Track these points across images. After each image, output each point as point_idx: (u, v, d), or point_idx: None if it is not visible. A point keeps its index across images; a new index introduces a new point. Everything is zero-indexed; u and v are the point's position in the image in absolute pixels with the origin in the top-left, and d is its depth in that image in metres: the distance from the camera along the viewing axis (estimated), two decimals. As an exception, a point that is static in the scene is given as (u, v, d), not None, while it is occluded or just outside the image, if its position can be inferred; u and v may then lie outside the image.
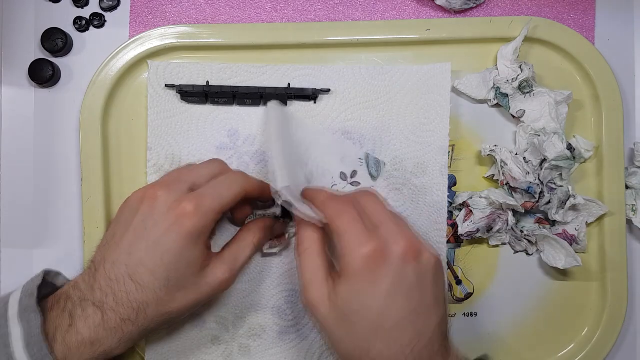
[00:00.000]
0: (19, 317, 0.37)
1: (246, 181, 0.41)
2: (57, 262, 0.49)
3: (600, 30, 0.51)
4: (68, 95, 0.50)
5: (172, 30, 0.48)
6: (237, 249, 0.42)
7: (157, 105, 0.48)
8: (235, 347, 0.48)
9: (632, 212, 0.49)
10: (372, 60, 0.49)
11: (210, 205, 0.38)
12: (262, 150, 0.48)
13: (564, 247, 0.47)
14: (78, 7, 0.50)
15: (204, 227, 0.38)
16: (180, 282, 0.38)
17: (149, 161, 0.48)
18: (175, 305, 0.39)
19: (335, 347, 0.37)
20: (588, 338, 0.49)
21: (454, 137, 0.49)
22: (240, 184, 0.41)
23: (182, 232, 0.37)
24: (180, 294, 0.38)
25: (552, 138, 0.47)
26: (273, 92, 0.48)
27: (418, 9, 0.51)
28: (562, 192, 0.48)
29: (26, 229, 0.50)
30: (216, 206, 0.39)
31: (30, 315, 0.37)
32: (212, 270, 0.40)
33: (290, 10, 0.50)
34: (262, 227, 0.44)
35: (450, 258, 0.50)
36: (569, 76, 0.50)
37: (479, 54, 0.50)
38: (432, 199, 0.48)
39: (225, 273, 0.40)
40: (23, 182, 0.50)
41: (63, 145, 0.50)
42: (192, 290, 0.39)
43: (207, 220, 0.38)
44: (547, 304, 0.50)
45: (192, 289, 0.39)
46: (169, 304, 0.38)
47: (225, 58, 0.49)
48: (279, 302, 0.48)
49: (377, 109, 0.48)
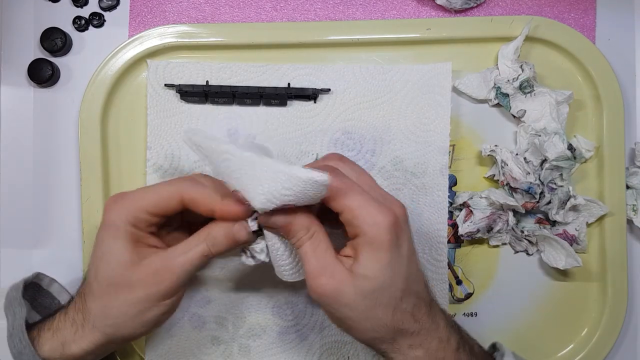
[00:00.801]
0: (5, 310, 0.38)
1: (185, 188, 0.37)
2: (57, 262, 0.49)
3: (600, 30, 0.51)
4: (67, 95, 0.50)
5: (171, 29, 0.48)
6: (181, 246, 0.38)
7: (157, 105, 0.48)
8: (235, 348, 0.48)
9: (632, 212, 0.49)
10: (372, 59, 0.49)
11: (128, 202, 0.37)
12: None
13: (564, 248, 0.47)
14: (77, 6, 0.50)
15: (118, 221, 0.37)
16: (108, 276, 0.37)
17: (149, 160, 0.48)
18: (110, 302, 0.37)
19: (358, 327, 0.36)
20: (588, 338, 0.49)
21: (454, 137, 0.49)
22: (172, 189, 0.37)
23: (103, 225, 0.37)
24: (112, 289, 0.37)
25: (552, 138, 0.47)
26: (273, 91, 0.47)
27: (418, 8, 0.51)
28: (563, 192, 0.48)
29: (25, 229, 0.50)
30: (134, 204, 0.37)
31: (15, 308, 0.38)
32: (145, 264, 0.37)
33: (290, 10, 0.50)
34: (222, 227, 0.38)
35: (451, 258, 0.50)
36: (569, 76, 0.50)
37: (480, 54, 0.49)
38: (432, 199, 0.48)
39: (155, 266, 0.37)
40: (22, 182, 0.50)
41: (62, 145, 0.50)
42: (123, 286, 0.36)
43: (122, 216, 0.37)
44: (547, 304, 0.50)
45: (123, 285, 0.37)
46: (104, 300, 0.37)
47: (224, 57, 0.49)
48: (279, 302, 0.48)
49: (377, 108, 0.48)
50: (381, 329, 0.36)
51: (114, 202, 0.37)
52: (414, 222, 0.48)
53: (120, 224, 0.37)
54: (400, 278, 0.36)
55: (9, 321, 0.38)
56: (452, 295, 0.50)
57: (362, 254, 0.35)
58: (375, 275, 0.35)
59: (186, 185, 0.37)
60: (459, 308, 0.50)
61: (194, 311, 0.48)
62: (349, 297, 0.35)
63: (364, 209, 0.35)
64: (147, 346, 0.48)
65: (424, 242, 0.48)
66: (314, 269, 0.36)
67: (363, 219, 0.35)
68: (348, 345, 0.48)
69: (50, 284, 0.45)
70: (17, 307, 0.38)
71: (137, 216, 0.37)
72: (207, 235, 0.37)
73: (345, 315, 0.36)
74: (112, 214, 0.37)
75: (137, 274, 0.36)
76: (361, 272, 0.35)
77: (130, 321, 0.37)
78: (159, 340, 0.48)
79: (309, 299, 0.48)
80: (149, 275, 0.36)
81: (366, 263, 0.35)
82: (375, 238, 0.35)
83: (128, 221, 0.37)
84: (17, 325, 0.37)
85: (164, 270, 0.37)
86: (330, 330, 0.48)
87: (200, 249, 0.37)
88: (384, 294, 0.36)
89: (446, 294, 0.49)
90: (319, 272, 0.36)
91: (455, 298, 0.50)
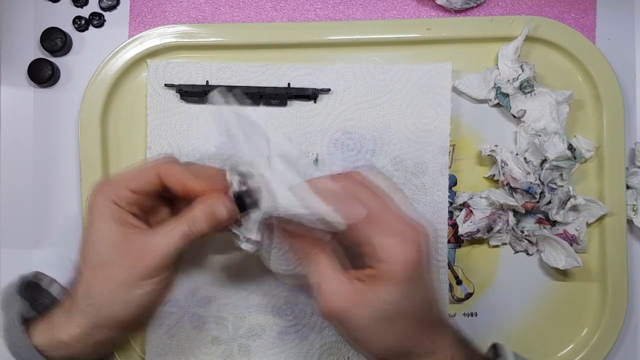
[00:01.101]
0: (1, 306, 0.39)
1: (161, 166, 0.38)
2: (57, 262, 0.49)
3: (600, 30, 0.51)
4: (67, 95, 0.50)
5: (171, 29, 0.48)
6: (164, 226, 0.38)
7: (157, 105, 0.48)
8: (235, 347, 0.48)
9: (632, 212, 0.49)
10: (372, 59, 0.49)
11: (109, 183, 0.38)
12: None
13: (564, 248, 0.47)
14: (77, 6, 0.50)
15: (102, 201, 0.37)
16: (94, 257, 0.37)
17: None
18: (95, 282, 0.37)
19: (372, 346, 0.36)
20: (588, 338, 0.49)
21: (454, 137, 0.49)
22: (150, 167, 0.38)
23: (88, 209, 0.38)
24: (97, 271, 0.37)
25: (552, 138, 0.47)
26: (273, 91, 0.47)
27: (418, 8, 0.50)
28: (563, 193, 0.48)
29: (25, 229, 0.50)
30: (114, 183, 0.38)
31: (12, 303, 0.39)
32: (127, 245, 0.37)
33: (290, 10, 0.50)
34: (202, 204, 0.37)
35: (451, 258, 0.50)
36: (570, 76, 0.50)
37: (480, 54, 0.49)
38: (432, 199, 0.48)
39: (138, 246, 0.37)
40: (22, 182, 0.50)
41: (62, 145, 0.50)
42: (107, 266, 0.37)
43: (107, 195, 0.37)
44: (547, 304, 0.50)
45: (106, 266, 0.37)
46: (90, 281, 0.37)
47: (224, 57, 0.49)
48: (279, 302, 0.48)
49: (377, 108, 0.48)
50: (391, 352, 0.36)
51: (98, 186, 0.38)
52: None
53: (104, 205, 0.37)
54: (415, 307, 0.36)
55: (6, 316, 0.38)
56: (452, 295, 0.50)
57: (380, 283, 0.35)
58: (391, 304, 0.35)
59: (162, 161, 0.39)
60: (459, 308, 0.50)
61: (194, 311, 0.48)
62: (362, 320, 0.35)
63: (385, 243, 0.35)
64: (147, 346, 0.48)
65: (424, 242, 0.48)
66: (328, 288, 0.35)
67: (384, 254, 0.35)
68: (348, 345, 0.48)
69: (51, 284, 0.45)
70: (12, 301, 0.39)
71: (118, 193, 0.37)
72: (190, 214, 0.37)
73: (354, 335, 0.36)
74: (96, 198, 0.38)
75: (119, 252, 0.37)
76: (376, 297, 0.35)
77: (111, 300, 0.37)
78: (159, 340, 0.48)
79: (308, 299, 0.48)
80: (131, 254, 0.37)
81: (382, 291, 0.35)
82: (397, 273, 0.34)
83: (111, 200, 0.37)
84: (11, 319, 0.38)
85: (145, 249, 0.37)
86: (330, 330, 0.48)
87: (181, 229, 0.37)
88: (397, 321, 0.35)
89: (446, 294, 0.49)
90: (333, 292, 0.35)
91: (455, 298, 0.50)
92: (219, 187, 0.38)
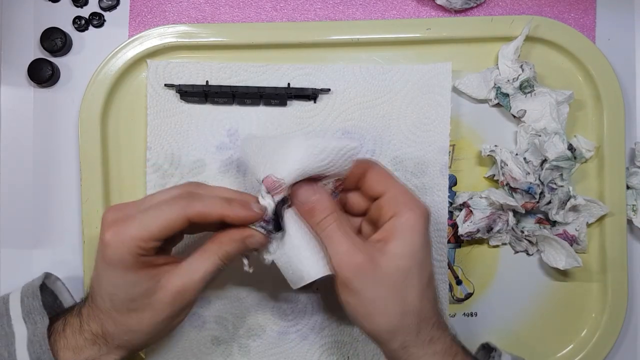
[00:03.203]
0: (24, 318, 0.39)
1: (188, 207, 0.36)
2: (57, 263, 0.49)
3: (600, 30, 0.51)
4: (67, 95, 0.50)
5: (171, 29, 0.48)
6: (195, 261, 0.38)
7: (157, 105, 0.48)
8: (235, 347, 0.48)
9: (632, 212, 0.49)
10: (372, 59, 0.49)
11: (131, 233, 0.35)
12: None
13: (564, 248, 0.47)
14: (77, 6, 0.50)
15: (125, 255, 0.35)
16: (127, 305, 0.37)
17: (149, 160, 0.48)
18: (135, 325, 0.37)
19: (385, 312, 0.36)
20: (588, 338, 0.49)
21: (454, 137, 0.49)
22: (176, 211, 0.36)
23: (104, 261, 0.36)
24: (134, 314, 0.37)
25: (552, 138, 0.47)
26: (273, 91, 0.47)
27: (418, 8, 0.50)
28: (563, 193, 0.48)
29: (25, 229, 0.50)
30: (139, 234, 0.35)
31: (36, 317, 0.39)
32: (164, 285, 0.37)
33: (290, 10, 0.50)
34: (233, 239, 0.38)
35: (451, 258, 0.50)
36: (570, 76, 0.50)
37: (480, 54, 0.49)
38: (432, 199, 0.48)
39: (177, 287, 0.37)
40: (22, 182, 0.50)
41: (62, 145, 0.50)
42: (147, 309, 0.37)
43: (128, 249, 0.35)
44: (547, 304, 0.50)
45: (146, 309, 0.37)
46: (126, 323, 0.37)
47: (224, 57, 0.49)
48: (279, 302, 0.48)
49: (377, 108, 0.48)
50: (408, 315, 0.37)
51: (116, 234, 0.35)
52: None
53: (129, 257, 0.35)
54: (428, 263, 0.38)
55: (30, 329, 0.38)
56: (452, 295, 0.50)
57: (398, 233, 0.37)
58: (410, 254, 0.36)
59: (188, 202, 0.36)
60: (459, 308, 0.50)
61: (194, 311, 0.48)
62: (382, 273, 0.36)
63: (404, 195, 0.38)
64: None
65: (424, 242, 0.48)
66: (347, 245, 0.37)
67: (404, 202, 0.37)
68: (348, 345, 0.48)
69: (54, 282, 0.46)
70: (37, 315, 0.39)
71: (145, 246, 0.36)
72: (219, 247, 0.38)
73: (375, 295, 0.36)
74: (117, 248, 0.35)
75: (158, 296, 0.37)
76: (395, 250, 0.36)
77: (153, 337, 0.39)
78: (159, 340, 0.48)
79: (308, 299, 0.48)
80: (171, 296, 0.37)
81: (402, 242, 0.37)
82: (415, 219, 0.37)
83: (136, 253, 0.35)
84: (39, 334, 0.38)
85: (184, 289, 0.37)
86: (330, 330, 0.48)
87: (213, 262, 0.37)
88: (414, 275, 0.37)
89: (446, 294, 0.49)
90: (354, 247, 0.36)
91: (455, 298, 0.50)
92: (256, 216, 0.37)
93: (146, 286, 0.36)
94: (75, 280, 0.49)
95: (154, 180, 0.48)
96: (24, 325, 0.39)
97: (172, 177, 0.48)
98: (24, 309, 0.40)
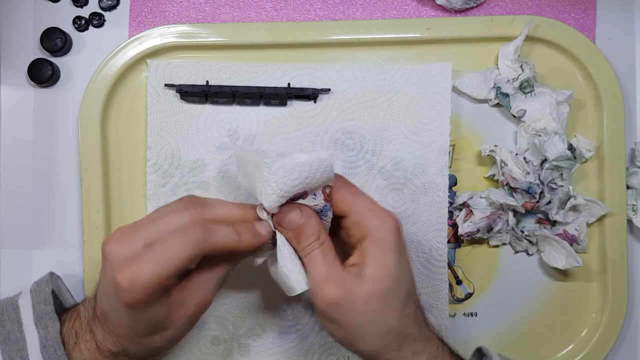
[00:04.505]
0: (35, 322, 0.39)
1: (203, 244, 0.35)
2: (57, 262, 0.49)
3: (600, 30, 0.51)
4: (67, 95, 0.50)
5: (171, 29, 0.48)
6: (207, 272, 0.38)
7: (157, 105, 0.48)
8: (235, 347, 0.48)
9: (632, 212, 0.49)
10: (372, 59, 0.49)
11: (147, 277, 0.33)
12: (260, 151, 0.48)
13: (564, 248, 0.47)
14: (77, 6, 0.50)
15: (145, 297, 0.34)
16: (149, 330, 0.37)
17: (149, 160, 0.48)
18: (159, 343, 0.38)
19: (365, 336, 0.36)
20: (588, 338, 0.49)
21: (454, 136, 0.49)
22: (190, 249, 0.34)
23: (124, 304, 0.35)
24: (158, 335, 0.37)
25: (552, 138, 0.47)
26: (273, 91, 0.47)
27: (418, 8, 0.50)
28: (563, 193, 0.48)
29: (26, 229, 0.50)
30: (157, 276, 0.34)
31: (47, 321, 0.39)
32: (183, 303, 0.37)
33: (290, 10, 0.50)
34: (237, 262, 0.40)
35: (451, 258, 0.50)
36: (570, 76, 0.50)
37: (480, 54, 0.49)
38: (432, 199, 0.48)
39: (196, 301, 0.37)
40: (22, 182, 0.50)
41: (62, 145, 0.50)
42: (169, 327, 0.37)
43: (146, 290, 0.34)
44: (547, 304, 0.50)
45: (169, 327, 0.37)
46: (150, 344, 0.37)
47: (224, 57, 0.49)
48: (279, 302, 0.48)
49: (377, 108, 0.48)
50: (389, 335, 0.36)
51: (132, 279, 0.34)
52: (414, 223, 0.48)
53: (149, 297, 0.34)
54: (405, 280, 0.37)
55: (41, 333, 0.38)
56: (452, 295, 0.50)
57: (370, 256, 0.36)
58: (385, 275, 0.36)
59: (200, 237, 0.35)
60: (459, 308, 0.50)
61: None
62: (358, 302, 0.35)
63: (372, 212, 0.37)
64: (147, 346, 0.48)
65: (424, 242, 0.48)
66: (322, 276, 0.36)
67: (371, 220, 0.37)
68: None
69: (55, 281, 0.46)
70: (49, 320, 0.39)
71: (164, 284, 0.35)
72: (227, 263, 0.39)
73: (353, 322, 0.36)
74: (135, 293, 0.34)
75: (180, 314, 0.37)
76: (370, 274, 0.36)
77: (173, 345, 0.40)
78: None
79: (309, 299, 0.48)
80: (192, 311, 0.38)
81: (375, 264, 0.36)
82: (384, 238, 0.36)
83: (153, 293, 0.34)
84: (52, 338, 0.38)
85: (202, 301, 0.38)
86: (330, 330, 0.48)
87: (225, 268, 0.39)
88: (392, 295, 0.36)
89: (446, 294, 0.49)
90: (328, 280, 0.36)
91: (455, 298, 0.50)
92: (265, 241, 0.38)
93: (167, 310, 0.36)
94: (75, 280, 0.49)
95: (154, 180, 0.48)
96: (35, 329, 0.39)
97: (172, 177, 0.48)
98: (36, 314, 0.40)
